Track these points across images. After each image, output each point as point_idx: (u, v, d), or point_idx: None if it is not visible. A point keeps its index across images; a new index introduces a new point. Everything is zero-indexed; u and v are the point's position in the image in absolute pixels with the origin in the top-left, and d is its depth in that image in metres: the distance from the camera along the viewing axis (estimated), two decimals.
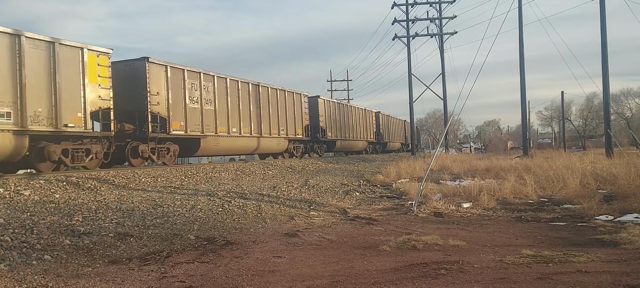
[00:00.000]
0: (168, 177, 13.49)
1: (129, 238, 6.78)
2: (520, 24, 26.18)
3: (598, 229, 7.50)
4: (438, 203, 10.38)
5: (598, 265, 5.06)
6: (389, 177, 16.49)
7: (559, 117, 63.63)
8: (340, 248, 6.43)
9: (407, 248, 6.28)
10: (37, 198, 9.01)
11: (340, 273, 5.10)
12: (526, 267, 5.08)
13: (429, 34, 37.16)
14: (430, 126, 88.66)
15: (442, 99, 37.58)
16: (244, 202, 10.28)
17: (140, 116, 15.47)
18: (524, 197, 11.08)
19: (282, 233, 7.58)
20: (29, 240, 6.11)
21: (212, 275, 5.12)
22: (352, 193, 12.98)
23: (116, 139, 14.78)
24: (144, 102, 15.35)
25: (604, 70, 21.43)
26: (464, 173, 16.79)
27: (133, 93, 15.40)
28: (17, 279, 4.77)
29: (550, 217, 8.91)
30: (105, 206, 8.73)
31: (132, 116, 15.51)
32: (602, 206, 9.16)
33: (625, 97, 63.89)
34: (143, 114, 15.43)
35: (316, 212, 9.98)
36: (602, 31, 21.48)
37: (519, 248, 6.02)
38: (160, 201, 9.64)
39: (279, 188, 12.70)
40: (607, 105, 22.84)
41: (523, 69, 26.69)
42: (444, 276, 4.80)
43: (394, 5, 36.10)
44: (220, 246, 6.61)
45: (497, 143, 68.27)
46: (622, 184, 10.59)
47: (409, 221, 8.82)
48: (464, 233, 7.43)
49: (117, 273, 5.17)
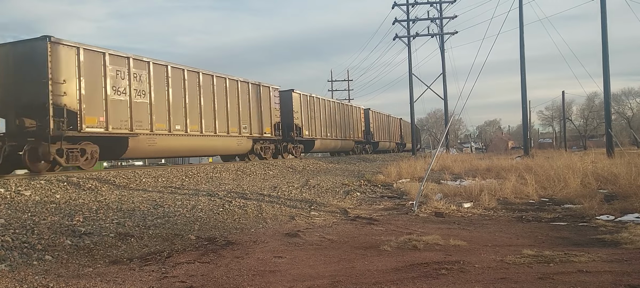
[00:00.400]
0: (169, 177, 13.50)
1: (129, 238, 6.79)
2: (521, 24, 26.18)
3: (599, 229, 7.50)
4: (439, 203, 10.38)
5: (599, 265, 5.05)
6: (389, 177, 16.48)
7: (559, 116, 63.60)
8: (341, 248, 6.43)
9: (408, 248, 6.28)
10: (38, 199, 9.02)
11: (341, 273, 5.10)
12: (527, 267, 5.08)
13: (430, 34, 37.18)
14: (431, 126, 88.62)
15: (443, 99, 37.61)
16: (244, 202, 10.28)
17: (41, 110, 12.40)
18: (525, 197, 11.07)
19: (283, 233, 7.58)
20: (29, 240, 6.12)
21: (213, 275, 5.12)
22: (353, 193, 12.97)
23: (12, 137, 12.38)
24: (44, 91, 12.29)
25: (605, 70, 21.41)
26: (464, 173, 16.78)
27: (33, 81, 12.55)
28: (18, 279, 4.77)
29: (551, 216, 8.90)
30: (106, 206, 8.74)
31: (34, 110, 12.61)
32: (603, 206, 9.15)
33: (626, 97, 63.84)
34: (44, 107, 12.32)
35: (317, 212, 9.97)
36: (602, 31, 21.46)
37: (520, 248, 6.01)
38: (161, 201, 9.64)
39: (280, 188, 12.70)
40: (608, 105, 22.82)
41: (524, 69, 26.69)
42: (445, 276, 4.80)
43: (395, 5, 36.12)
44: (221, 246, 6.61)
45: (498, 143, 68.30)
46: (623, 184, 10.58)
47: (409, 221, 8.82)
48: (464, 233, 7.42)
49: (118, 274, 5.18)
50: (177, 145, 16.90)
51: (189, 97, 16.99)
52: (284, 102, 24.31)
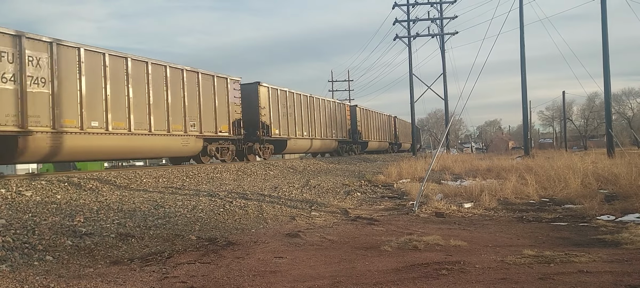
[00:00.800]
0: (169, 178, 13.51)
1: (130, 238, 6.79)
2: (521, 24, 26.18)
3: (599, 229, 7.50)
4: (439, 204, 10.38)
5: (599, 265, 5.05)
6: (390, 177, 16.48)
7: (560, 117, 63.59)
8: (342, 249, 6.44)
9: (409, 248, 6.28)
10: (38, 199, 9.03)
11: (342, 273, 5.10)
12: (528, 267, 5.08)
13: (430, 34, 37.21)
14: (431, 126, 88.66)
15: (443, 99, 37.62)
16: (245, 202, 10.28)
17: None
18: (526, 197, 11.07)
19: (283, 234, 7.58)
20: (30, 240, 6.12)
21: (214, 275, 5.12)
22: (354, 194, 12.98)
23: None
24: None
25: (606, 70, 21.40)
26: (465, 174, 16.78)
27: None
28: (19, 280, 4.78)
29: (551, 217, 8.90)
30: (106, 207, 8.75)
31: None
32: (604, 206, 9.15)
33: (626, 97, 63.83)
34: None
35: (317, 213, 9.98)
36: (603, 31, 21.46)
37: (521, 248, 6.02)
38: (161, 201, 9.65)
39: (281, 189, 12.71)
40: (609, 105, 22.81)
41: (524, 69, 26.69)
42: (445, 276, 4.80)
43: (395, 5, 36.13)
44: (222, 246, 6.62)
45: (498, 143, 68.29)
46: (624, 184, 10.58)
47: (410, 221, 8.82)
48: (465, 234, 7.42)
49: (118, 274, 5.18)
50: (95, 146, 13.90)
51: (110, 87, 14.12)
52: (248, 96, 21.29)
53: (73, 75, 13.17)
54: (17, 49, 11.74)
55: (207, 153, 18.59)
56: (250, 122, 21.39)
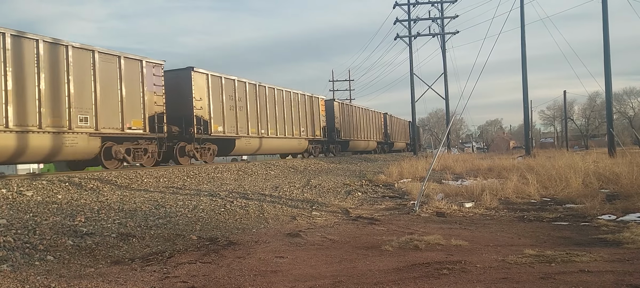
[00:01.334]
0: (170, 178, 13.52)
1: (131, 238, 6.79)
2: (522, 24, 26.17)
3: (601, 229, 7.49)
4: (440, 203, 10.37)
5: (601, 265, 5.05)
6: (391, 177, 16.48)
7: (561, 116, 63.58)
8: (343, 248, 6.43)
9: (410, 248, 6.28)
10: (39, 199, 9.03)
11: (343, 273, 5.10)
12: (529, 267, 5.08)
13: (431, 34, 37.25)
14: (432, 125, 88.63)
15: (444, 99, 37.62)
16: (246, 202, 10.28)
17: None
18: (527, 197, 11.06)
19: (284, 234, 7.58)
20: (31, 240, 6.13)
21: (215, 275, 5.12)
22: (354, 193, 12.97)
23: None
24: None
25: (607, 69, 21.37)
26: (466, 173, 16.77)
27: None
28: (20, 280, 4.78)
29: (552, 216, 8.89)
30: (107, 206, 8.75)
31: None
32: (605, 205, 9.14)
33: (627, 96, 63.87)
34: None
35: (318, 212, 9.98)
36: (604, 30, 21.42)
37: (522, 248, 6.01)
38: (162, 201, 9.65)
39: (281, 189, 12.71)
40: (610, 105, 22.79)
41: (525, 68, 26.69)
42: (446, 276, 4.80)
43: (396, 5, 36.15)
44: (223, 246, 6.62)
45: (499, 142, 68.30)
46: (625, 183, 10.57)
47: (411, 221, 8.81)
48: (466, 233, 7.42)
49: (119, 274, 5.18)
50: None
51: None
52: (178, 85, 17.29)
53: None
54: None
55: (113, 155, 14.80)
56: (183, 117, 17.37)
